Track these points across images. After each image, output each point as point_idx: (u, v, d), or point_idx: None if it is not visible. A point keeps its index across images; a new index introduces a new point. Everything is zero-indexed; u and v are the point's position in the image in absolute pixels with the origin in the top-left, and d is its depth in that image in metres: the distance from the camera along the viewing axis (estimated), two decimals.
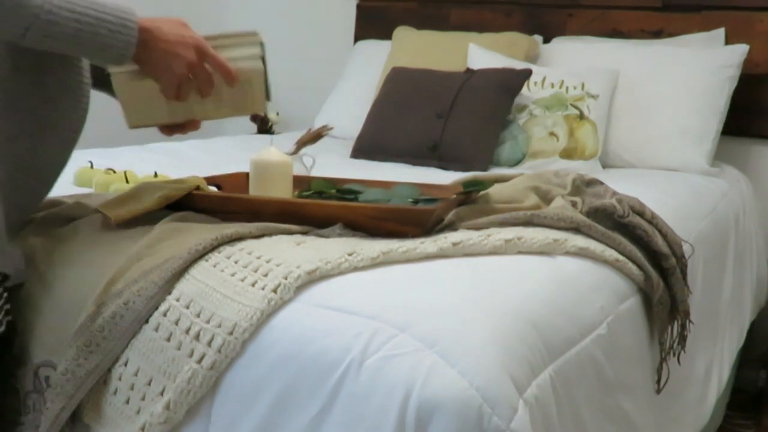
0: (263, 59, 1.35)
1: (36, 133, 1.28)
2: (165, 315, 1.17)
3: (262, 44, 1.35)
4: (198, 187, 1.45)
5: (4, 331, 1.24)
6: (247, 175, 1.66)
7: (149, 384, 1.15)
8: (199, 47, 1.27)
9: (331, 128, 1.71)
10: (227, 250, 1.24)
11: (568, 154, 2.49)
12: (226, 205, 1.42)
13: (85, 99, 1.35)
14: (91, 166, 1.99)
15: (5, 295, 1.25)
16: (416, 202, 1.48)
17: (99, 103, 1.44)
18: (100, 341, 1.18)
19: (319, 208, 1.37)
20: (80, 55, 1.24)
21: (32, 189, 1.32)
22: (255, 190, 1.54)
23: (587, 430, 1.21)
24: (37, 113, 1.27)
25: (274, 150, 1.56)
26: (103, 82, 1.35)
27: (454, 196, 1.49)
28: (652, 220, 1.58)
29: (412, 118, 2.60)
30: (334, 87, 3.24)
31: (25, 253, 1.31)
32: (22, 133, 1.26)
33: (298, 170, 1.62)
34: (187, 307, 1.16)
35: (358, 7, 3.48)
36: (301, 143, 1.65)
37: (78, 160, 1.67)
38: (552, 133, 2.52)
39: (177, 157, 2.41)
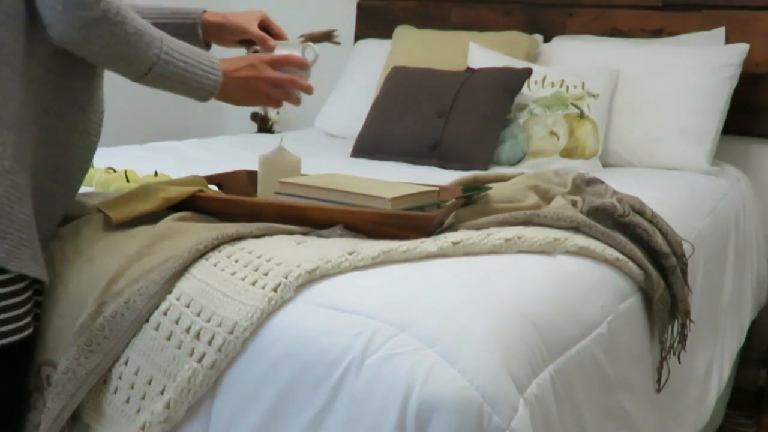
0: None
1: (64, 138, 1.29)
2: (165, 314, 1.17)
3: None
4: (201, 190, 1.45)
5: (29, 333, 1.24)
6: (247, 173, 1.66)
7: (149, 383, 1.15)
8: (264, 67, 1.42)
9: (339, 38, 1.73)
10: (228, 249, 1.24)
11: (568, 153, 2.49)
12: (227, 207, 1.42)
13: (102, 103, 1.37)
14: (92, 165, 1.99)
15: (35, 299, 1.25)
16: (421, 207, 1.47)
17: None
18: (100, 340, 1.18)
19: (320, 212, 1.37)
20: (178, 92, 1.34)
21: (59, 196, 1.33)
22: (263, 189, 1.54)
23: (587, 429, 1.21)
24: (67, 118, 1.29)
25: (283, 149, 1.56)
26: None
27: (455, 200, 1.49)
28: (653, 219, 1.58)
29: (413, 117, 2.59)
30: (334, 87, 3.24)
31: None
32: (52, 139, 1.27)
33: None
34: (188, 306, 1.16)
35: (358, 6, 3.48)
36: (309, 37, 1.65)
37: None
38: (552, 132, 2.52)
39: (177, 156, 2.41)
